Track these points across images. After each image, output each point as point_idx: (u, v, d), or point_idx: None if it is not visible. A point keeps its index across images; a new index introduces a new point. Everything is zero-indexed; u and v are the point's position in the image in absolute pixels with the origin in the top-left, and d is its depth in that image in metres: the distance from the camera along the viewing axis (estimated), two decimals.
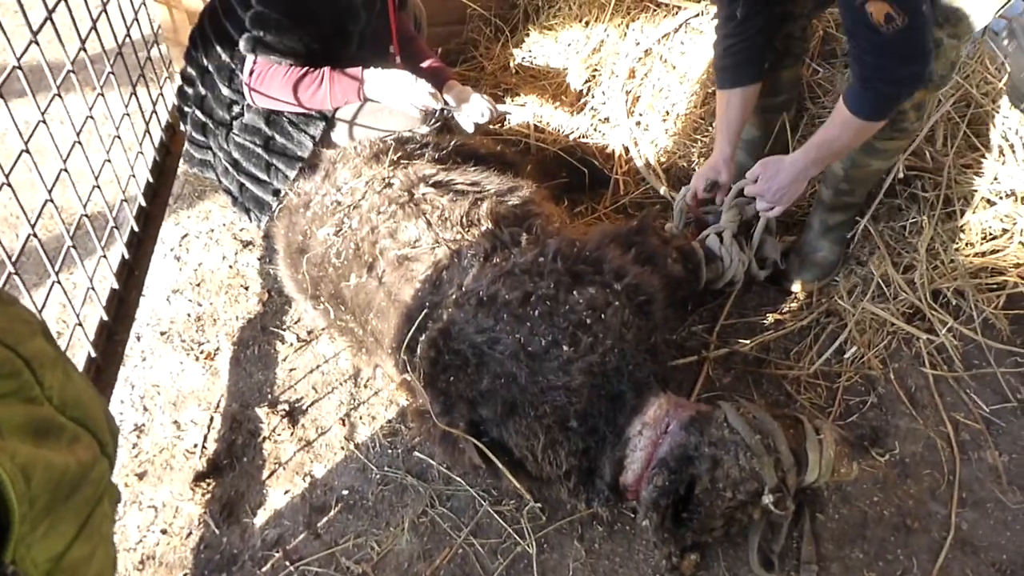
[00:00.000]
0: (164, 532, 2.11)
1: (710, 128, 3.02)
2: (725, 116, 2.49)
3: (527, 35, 3.46)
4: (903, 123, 2.28)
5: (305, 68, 2.52)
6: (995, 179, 2.65)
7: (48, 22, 2.06)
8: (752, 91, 2.44)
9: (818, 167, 2.32)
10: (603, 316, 1.95)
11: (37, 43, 1.96)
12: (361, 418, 2.37)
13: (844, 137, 2.19)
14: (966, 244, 2.59)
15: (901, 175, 2.61)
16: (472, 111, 2.75)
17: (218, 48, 2.62)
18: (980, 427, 2.32)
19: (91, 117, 2.30)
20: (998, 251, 2.58)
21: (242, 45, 2.50)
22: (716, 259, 2.47)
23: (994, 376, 2.42)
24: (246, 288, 2.78)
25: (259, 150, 2.69)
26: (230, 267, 2.85)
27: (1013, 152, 2.66)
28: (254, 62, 2.50)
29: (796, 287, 2.64)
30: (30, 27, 1.95)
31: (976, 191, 2.63)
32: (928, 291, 2.52)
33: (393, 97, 2.56)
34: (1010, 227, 2.60)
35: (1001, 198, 2.63)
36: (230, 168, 2.77)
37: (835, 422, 2.31)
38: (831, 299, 2.60)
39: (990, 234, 2.61)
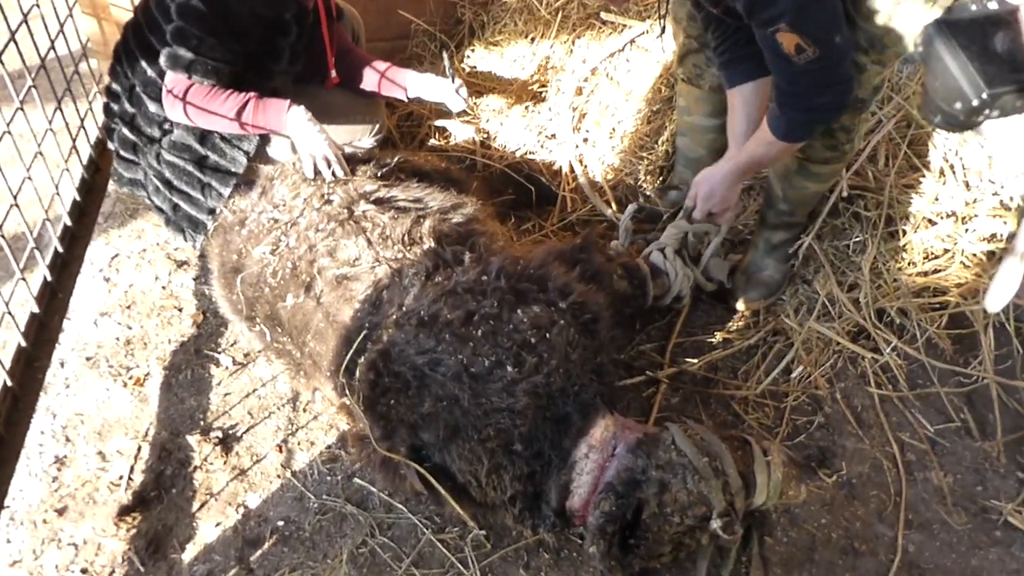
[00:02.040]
0: (84, 572, 1.98)
1: (656, 145, 3.01)
2: (728, 116, 2.48)
3: (472, 51, 3.43)
4: (834, 145, 2.29)
5: (228, 91, 2.41)
6: (936, 199, 2.67)
7: None
8: (749, 89, 2.37)
9: (747, 175, 2.39)
10: (548, 335, 1.90)
11: None
12: (299, 444, 2.27)
13: (767, 153, 2.25)
14: (908, 263, 2.60)
15: (845, 194, 2.62)
16: (447, 96, 2.71)
17: (143, 63, 2.51)
18: (925, 447, 2.32)
19: (8, 132, 2.18)
20: (940, 270, 2.60)
21: (162, 60, 2.38)
22: (662, 274, 2.45)
23: (938, 396, 2.43)
24: (180, 310, 2.66)
25: (191, 168, 2.58)
26: (163, 288, 2.74)
27: (953, 173, 2.70)
28: (173, 79, 2.39)
29: (741, 305, 2.63)
30: None
31: (918, 211, 2.65)
32: (872, 310, 2.52)
33: (300, 146, 2.44)
34: (951, 247, 2.62)
35: (942, 218, 2.65)
36: (161, 187, 2.65)
37: (782, 442, 2.29)
38: (778, 318, 2.59)
39: (932, 254, 2.63)
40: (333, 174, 2.35)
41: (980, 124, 1.41)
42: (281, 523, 2.09)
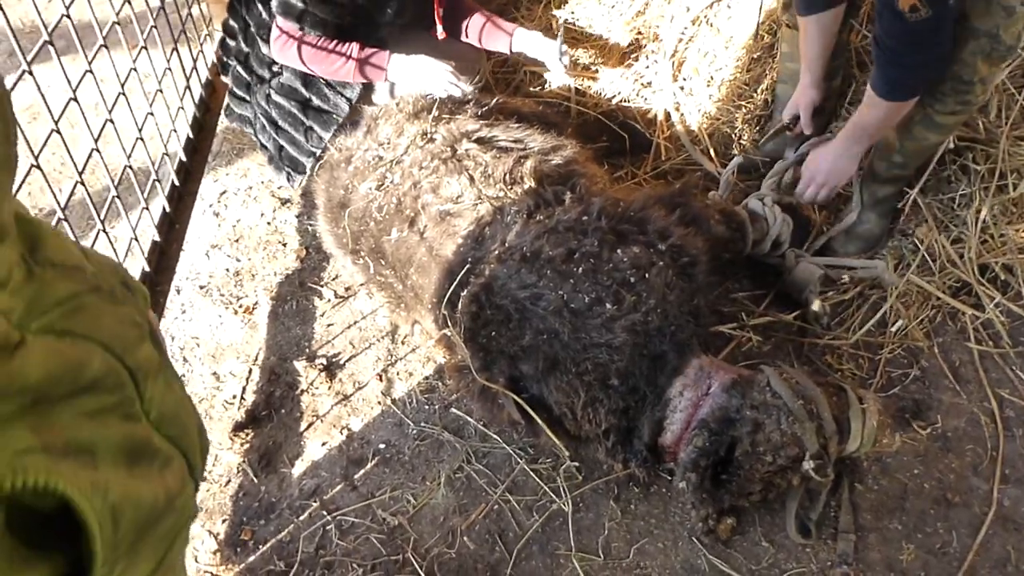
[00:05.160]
0: (204, 480, 2.13)
1: (755, 95, 2.96)
2: (803, 44, 2.51)
3: None
4: (968, 96, 2.20)
5: (334, 42, 2.47)
6: None
7: None
8: (828, 17, 2.41)
9: (860, 146, 2.38)
10: (647, 276, 1.93)
11: None
12: (398, 374, 2.37)
13: (874, 117, 2.26)
14: (1017, 218, 2.52)
15: (952, 146, 2.55)
16: (549, 58, 2.74)
17: (258, 5, 2.60)
18: None
19: (134, 69, 2.30)
20: None
21: (274, 5, 2.46)
22: (760, 219, 2.44)
23: None
24: (284, 245, 2.78)
25: (295, 110, 2.68)
26: (268, 224, 2.86)
27: None
28: (280, 26, 2.47)
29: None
30: None
31: None
32: (976, 265, 2.46)
33: (417, 85, 2.53)
34: None
35: None
36: (268, 126, 2.77)
37: (876, 393, 2.27)
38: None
39: None
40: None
41: None
42: (382, 446, 2.20)
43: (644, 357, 1.92)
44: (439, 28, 2.74)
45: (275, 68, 2.68)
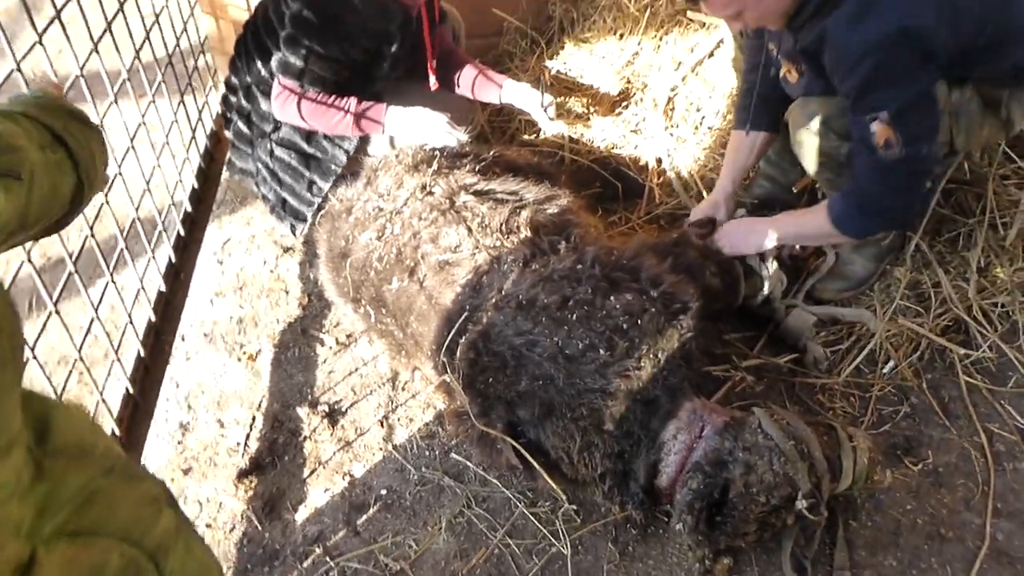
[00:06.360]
0: (208, 526, 2.17)
1: None
2: (732, 155, 2.52)
3: (562, 47, 3.52)
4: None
5: (331, 98, 2.57)
6: None
7: (107, 32, 2.15)
8: (764, 139, 2.45)
9: (783, 242, 2.37)
10: (639, 322, 1.99)
11: (97, 52, 2.06)
12: (399, 420, 2.42)
13: (812, 227, 2.28)
14: (1006, 251, 2.58)
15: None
16: (534, 109, 2.82)
17: (259, 63, 2.70)
18: (1015, 438, 2.31)
19: (143, 124, 2.39)
20: None
21: (273, 64, 2.56)
22: (755, 275, 2.48)
23: None
24: (287, 292, 2.84)
25: (296, 164, 2.77)
26: (271, 272, 2.92)
27: None
28: (281, 83, 2.56)
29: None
30: (91, 37, 2.04)
31: (1018, 203, 2.63)
32: (964, 304, 2.52)
33: (414, 137, 2.62)
34: None
35: None
36: (269, 179, 2.85)
37: (867, 431, 2.32)
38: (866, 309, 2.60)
39: None
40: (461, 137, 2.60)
41: None
42: (384, 492, 2.24)
43: (637, 402, 1.97)
44: (432, 80, 2.84)
45: (277, 123, 2.77)
